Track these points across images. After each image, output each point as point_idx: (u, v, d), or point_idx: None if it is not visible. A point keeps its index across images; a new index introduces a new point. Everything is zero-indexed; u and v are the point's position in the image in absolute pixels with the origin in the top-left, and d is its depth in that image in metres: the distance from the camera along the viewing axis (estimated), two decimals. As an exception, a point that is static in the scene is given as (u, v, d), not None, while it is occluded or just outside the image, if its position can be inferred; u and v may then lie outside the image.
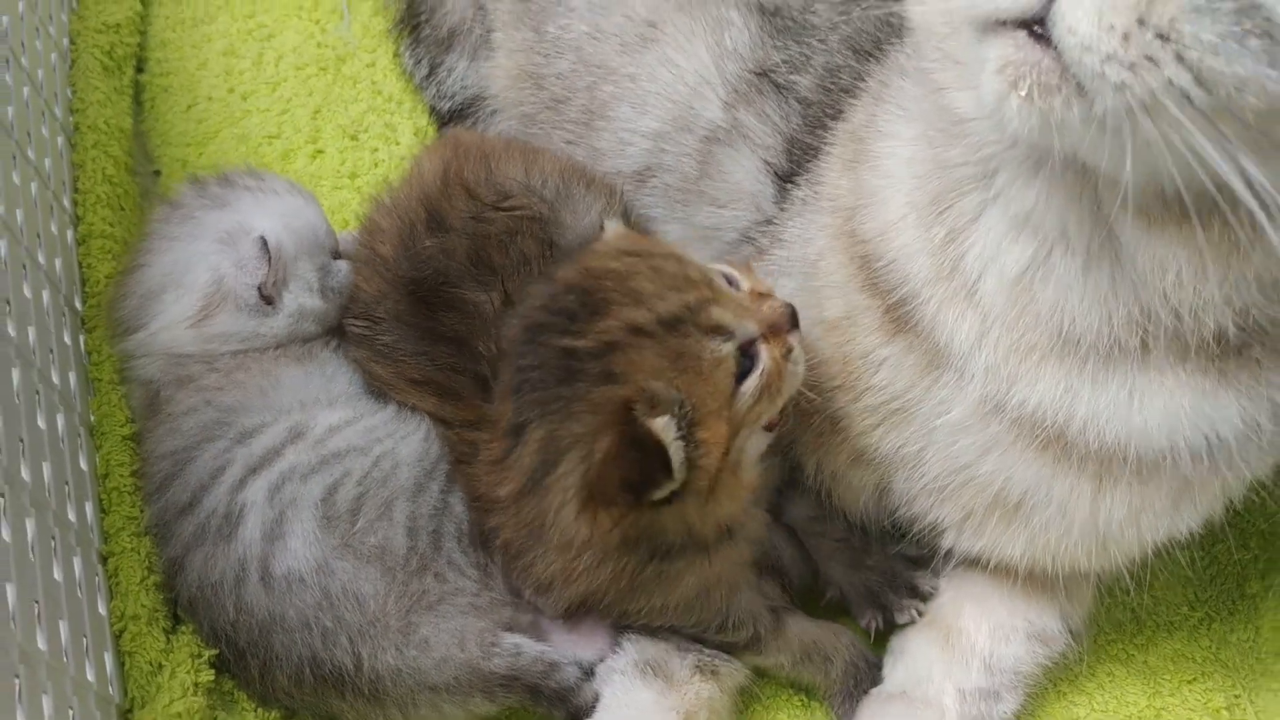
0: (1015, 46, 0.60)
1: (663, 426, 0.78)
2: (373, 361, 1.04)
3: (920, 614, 1.03)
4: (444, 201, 1.02)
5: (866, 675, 1.03)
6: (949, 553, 0.97)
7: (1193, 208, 0.62)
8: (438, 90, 1.32)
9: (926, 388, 0.86)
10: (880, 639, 1.04)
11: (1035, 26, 0.59)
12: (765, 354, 0.84)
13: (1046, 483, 0.84)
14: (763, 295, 0.86)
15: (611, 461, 0.79)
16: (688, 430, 0.80)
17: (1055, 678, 1.02)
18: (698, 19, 1.05)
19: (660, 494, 0.81)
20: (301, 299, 1.06)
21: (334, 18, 1.43)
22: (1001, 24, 0.61)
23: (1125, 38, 0.56)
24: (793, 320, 0.86)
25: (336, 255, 1.11)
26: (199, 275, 1.03)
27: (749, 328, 0.84)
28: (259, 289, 1.03)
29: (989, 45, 0.62)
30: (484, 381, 0.96)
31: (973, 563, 0.98)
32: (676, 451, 0.79)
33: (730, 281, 0.89)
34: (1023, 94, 0.60)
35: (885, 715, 0.98)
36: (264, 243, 1.03)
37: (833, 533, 1.06)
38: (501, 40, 1.22)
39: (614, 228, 0.91)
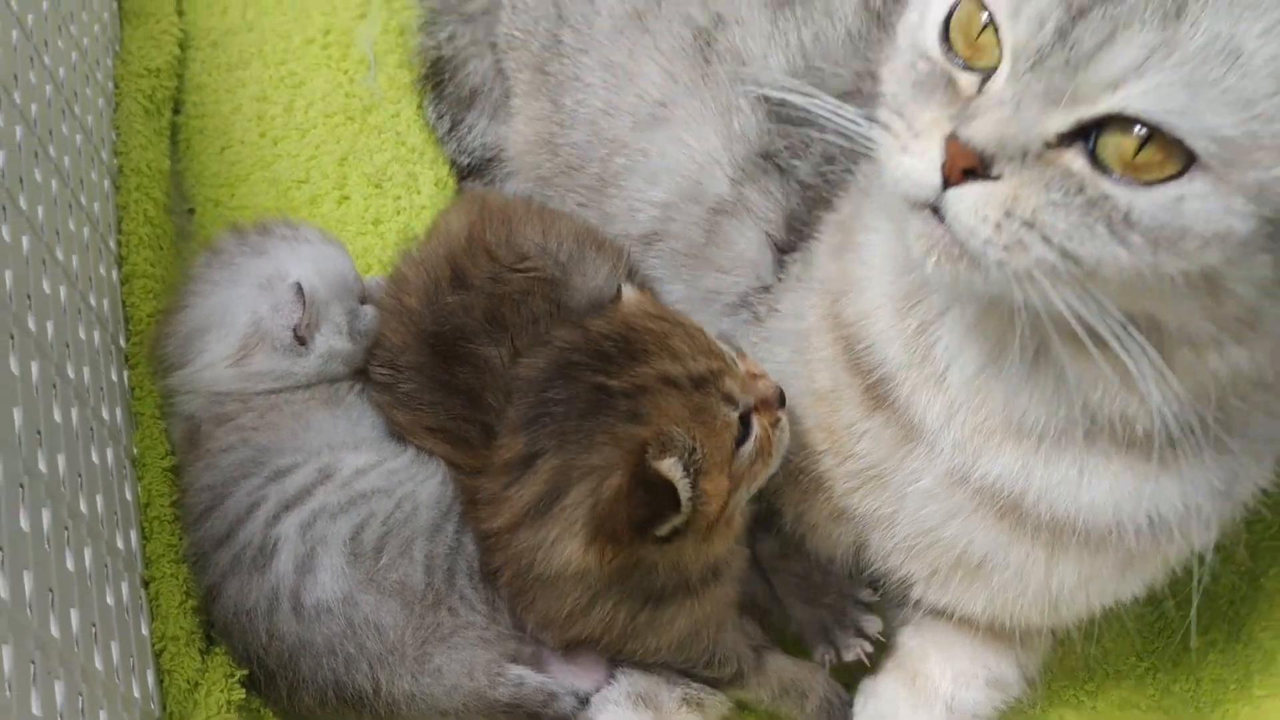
0: (924, 222, 0.72)
1: (670, 467, 0.88)
2: (394, 408, 1.13)
3: (867, 653, 1.12)
4: (467, 260, 1.11)
5: (839, 711, 1.12)
6: (918, 603, 1.07)
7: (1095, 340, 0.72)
8: (458, 145, 1.40)
9: (901, 458, 0.95)
10: (852, 679, 1.14)
11: (938, 209, 0.71)
12: (757, 424, 0.94)
13: (1004, 548, 0.93)
14: (756, 375, 0.96)
15: (622, 499, 0.88)
16: (695, 478, 0.90)
17: (1008, 717, 1.11)
18: (707, 104, 1.13)
19: (664, 529, 0.90)
20: (331, 341, 1.14)
21: (361, 68, 1.51)
22: (916, 203, 0.72)
23: (998, 226, 0.68)
24: (781, 399, 0.96)
25: (363, 300, 1.20)
26: (239, 317, 1.12)
27: (748, 400, 0.93)
28: (294, 330, 1.11)
29: (911, 216, 0.73)
30: (491, 431, 1.03)
31: (939, 613, 1.07)
32: (684, 489, 0.88)
33: None
34: (933, 260, 0.72)
35: (854, 750, 1.07)
36: (299, 288, 1.12)
37: (793, 569, 1.14)
38: (520, 107, 1.31)
39: (631, 292, 1.01)
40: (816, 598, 1.14)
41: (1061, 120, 0.67)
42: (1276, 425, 0.88)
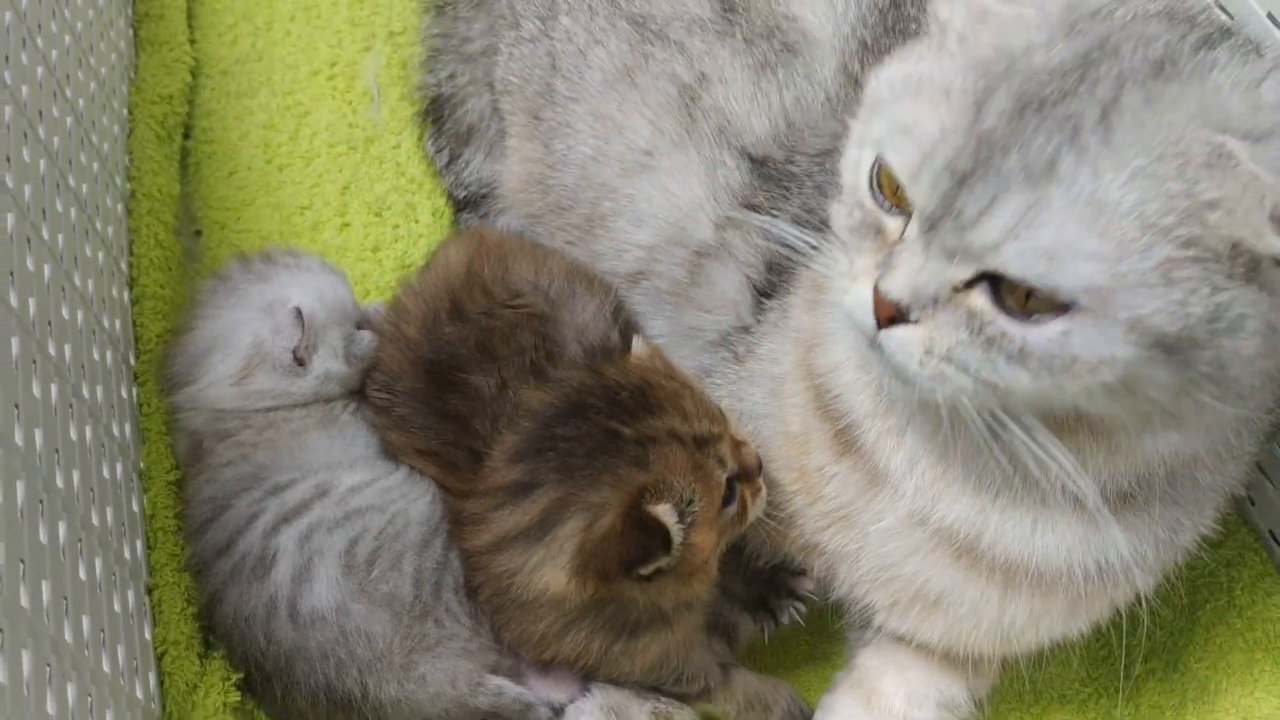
0: (870, 349, 0.82)
1: (665, 512, 0.95)
2: (389, 429, 1.19)
3: (800, 614, 1.18)
4: (465, 294, 1.17)
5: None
6: (879, 628, 1.13)
7: None
8: (455, 179, 1.47)
9: (867, 500, 1.02)
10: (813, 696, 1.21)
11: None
12: (738, 489, 1.02)
13: (960, 585, 1.00)
14: (740, 443, 1.03)
15: (615, 536, 0.95)
16: (688, 528, 0.97)
17: (955, 739, 1.18)
18: (692, 157, 1.19)
19: (649, 569, 0.97)
20: (328, 363, 1.21)
21: (365, 101, 1.58)
22: (862, 334, 0.82)
23: (921, 362, 0.78)
24: (759, 467, 1.04)
25: (360, 326, 1.27)
26: (242, 339, 1.18)
27: (734, 467, 1.01)
28: (293, 352, 1.18)
29: (861, 342, 0.83)
30: (478, 457, 1.09)
31: (898, 638, 1.14)
32: (677, 534, 0.95)
33: None
34: (885, 379, 0.82)
35: (814, 760, 1.14)
36: (299, 312, 1.19)
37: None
38: (514, 147, 1.37)
39: (640, 345, 1.08)
40: (753, 576, 1.20)
41: (961, 272, 0.75)
42: (1218, 478, 0.96)
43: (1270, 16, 1.07)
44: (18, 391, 0.91)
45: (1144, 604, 1.02)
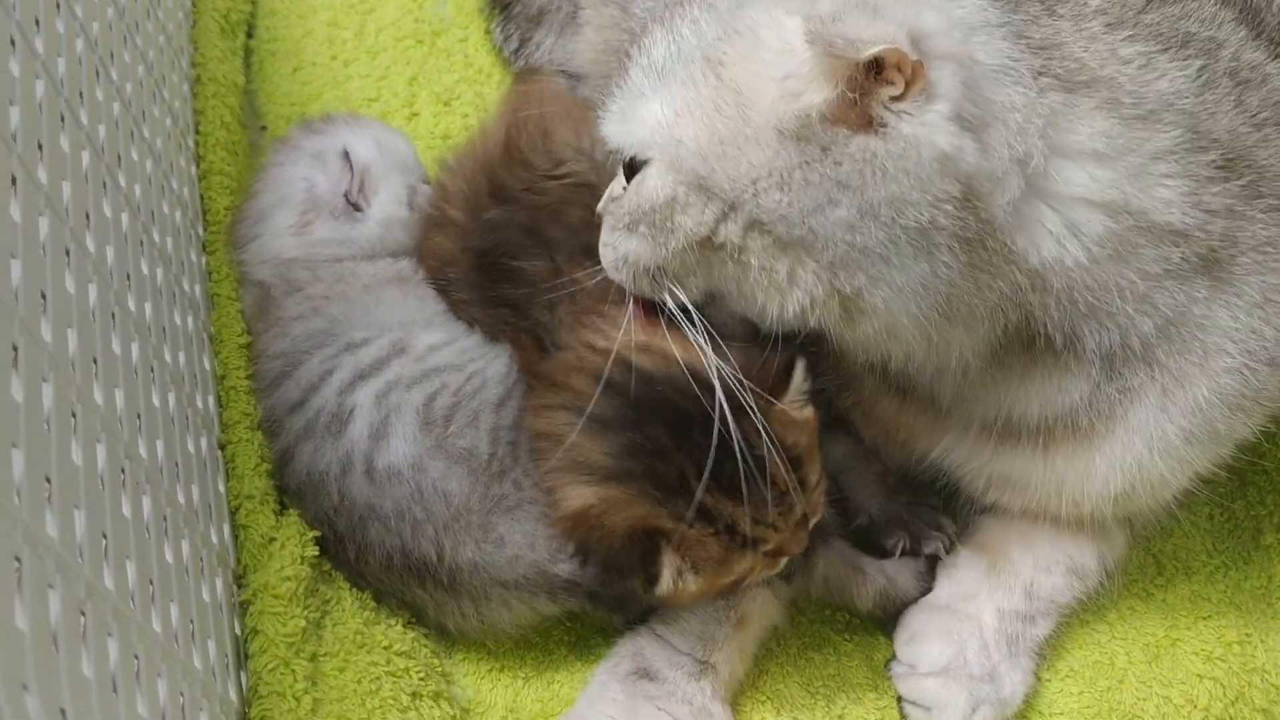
0: None
1: (667, 562, 0.91)
2: (456, 307, 1.13)
3: (946, 549, 1.12)
4: (505, 171, 1.10)
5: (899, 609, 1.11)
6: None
7: None
8: (526, 63, 1.42)
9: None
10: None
11: None
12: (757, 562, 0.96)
13: (1019, 461, 0.98)
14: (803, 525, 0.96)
15: (610, 537, 0.92)
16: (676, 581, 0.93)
17: (1082, 607, 1.10)
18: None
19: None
20: (389, 209, 1.17)
21: (431, -3, 1.55)
22: None
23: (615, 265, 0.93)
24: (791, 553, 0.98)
25: (425, 183, 1.23)
26: (296, 189, 1.16)
27: (772, 549, 0.96)
28: (345, 196, 1.15)
29: None
30: (539, 340, 1.04)
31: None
32: (665, 584, 0.92)
33: None
34: None
35: (929, 624, 1.07)
36: (346, 155, 1.16)
37: (874, 466, 1.14)
38: (590, 16, 1.32)
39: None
40: (894, 495, 1.14)
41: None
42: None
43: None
44: (88, 203, 0.87)
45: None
